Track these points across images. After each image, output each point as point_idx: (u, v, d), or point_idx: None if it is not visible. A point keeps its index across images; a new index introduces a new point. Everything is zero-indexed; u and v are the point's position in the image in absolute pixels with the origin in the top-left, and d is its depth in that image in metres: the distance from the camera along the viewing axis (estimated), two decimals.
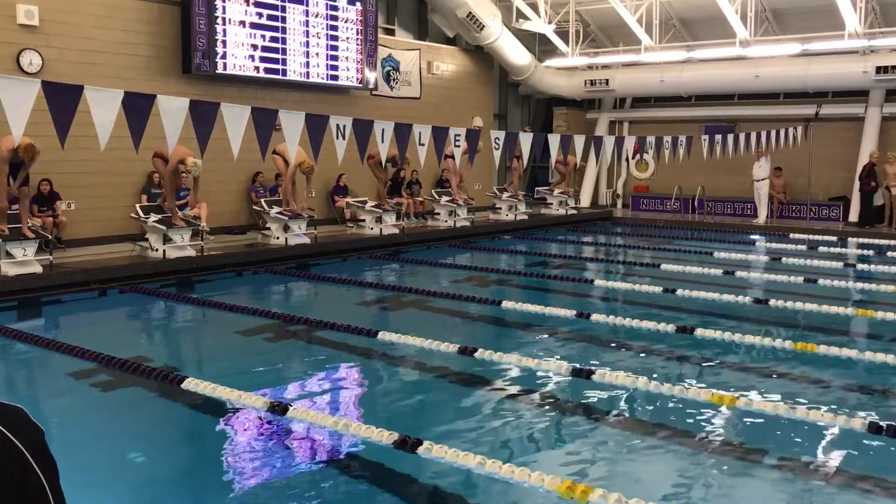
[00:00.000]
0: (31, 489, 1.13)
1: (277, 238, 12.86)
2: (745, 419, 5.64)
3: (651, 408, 5.94)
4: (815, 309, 9.12)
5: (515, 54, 19.89)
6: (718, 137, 15.88)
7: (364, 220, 14.65)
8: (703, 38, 19.18)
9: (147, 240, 11.30)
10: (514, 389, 6.32)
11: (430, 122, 11.14)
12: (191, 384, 6.01)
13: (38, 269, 9.86)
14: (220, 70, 13.85)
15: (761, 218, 18.29)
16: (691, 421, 5.59)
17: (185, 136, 8.21)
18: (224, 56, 13.89)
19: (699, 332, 7.89)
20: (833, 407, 5.68)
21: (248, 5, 14.22)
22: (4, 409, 1.17)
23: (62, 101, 6.98)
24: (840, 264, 12.96)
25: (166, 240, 11.23)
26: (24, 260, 9.79)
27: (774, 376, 6.74)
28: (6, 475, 1.11)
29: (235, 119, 8.03)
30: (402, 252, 13.96)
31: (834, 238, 16.15)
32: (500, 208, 18.02)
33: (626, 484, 4.52)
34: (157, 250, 11.16)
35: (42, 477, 1.14)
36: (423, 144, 10.03)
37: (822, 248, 14.64)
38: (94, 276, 10.21)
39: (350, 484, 4.65)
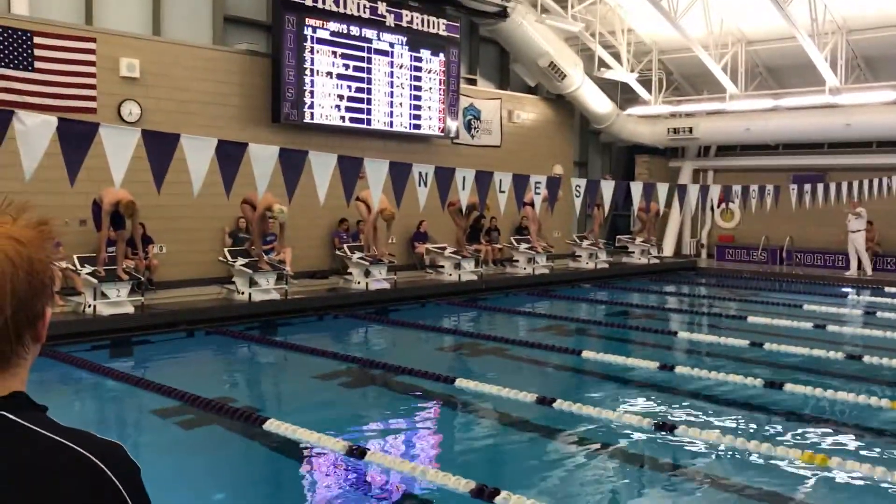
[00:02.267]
0: None
1: (358, 283, 13.05)
2: (836, 480, 5.38)
3: (736, 465, 5.72)
4: None
5: (597, 103, 19.88)
6: (808, 187, 15.43)
7: (443, 266, 14.74)
8: (791, 85, 18.76)
9: (234, 283, 11.63)
10: (593, 441, 6.19)
11: (511, 170, 11.19)
12: (272, 425, 6.11)
13: (131, 309, 10.27)
14: (307, 119, 14.27)
15: (853, 270, 17.59)
16: (778, 480, 5.36)
17: (270, 183, 8.46)
18: (312, 106, 14.33)
19: (788, 387, 7.59)
20: None
21: (335, 57, 14.67)
22: (103, 444, 1.17)
23: (159, 148, 7.30)
24: None
25: (252, 283, 11.54)
26: (118, 301, 10.21)
27: (869, 436, 6.42)
28: None
29: (323, 166, 8.23)
30: (480, 299, 13.96)
31: None
32: (581, 256, 17.86)
33: None
34: (242, 293, 11.47)
35: None
36: (503, 192, 10.06)
37: None
38: (183, 317, 10.56)
39: None
